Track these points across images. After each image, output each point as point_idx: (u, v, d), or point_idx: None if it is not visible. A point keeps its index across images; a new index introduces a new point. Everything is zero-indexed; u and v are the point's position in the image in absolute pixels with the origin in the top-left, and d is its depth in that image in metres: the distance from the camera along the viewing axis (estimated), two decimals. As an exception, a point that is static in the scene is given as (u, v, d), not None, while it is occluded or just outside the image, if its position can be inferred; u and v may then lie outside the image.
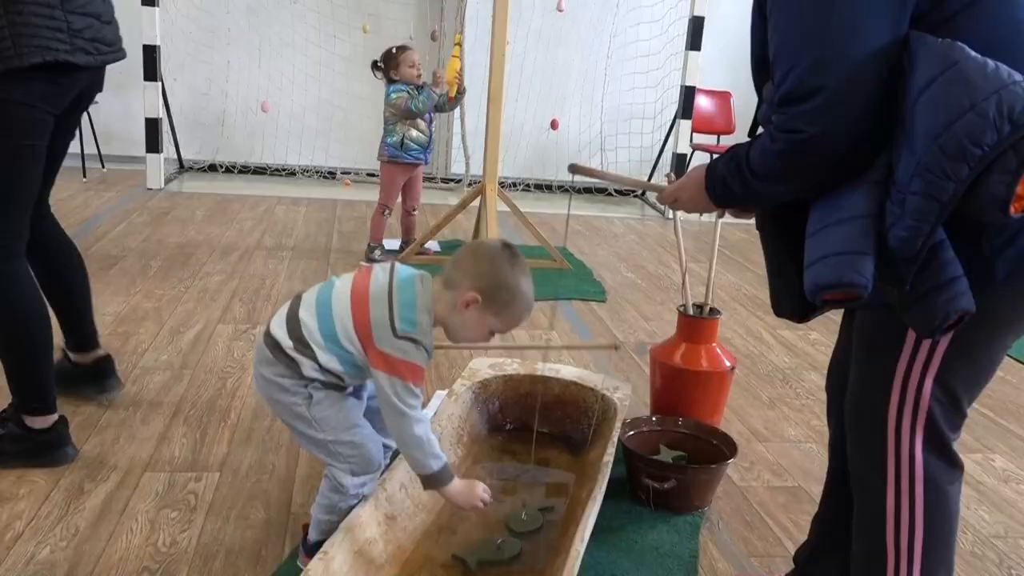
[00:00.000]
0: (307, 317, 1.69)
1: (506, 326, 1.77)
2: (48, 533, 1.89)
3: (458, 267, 1.71)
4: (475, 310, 1.70)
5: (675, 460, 2.23)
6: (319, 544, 1.67)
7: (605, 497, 2.08)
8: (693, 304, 2.50)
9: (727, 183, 1.41)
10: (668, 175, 2.54)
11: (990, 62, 1.17)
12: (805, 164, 1.29)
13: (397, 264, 1.76)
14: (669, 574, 1.90)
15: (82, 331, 2.45)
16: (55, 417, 2.15)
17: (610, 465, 1.98)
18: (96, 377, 2.51)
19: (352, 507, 1.74)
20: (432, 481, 1.72)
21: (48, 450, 2.13)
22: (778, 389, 3.08)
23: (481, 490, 1.77)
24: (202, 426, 2.45)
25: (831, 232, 1.29)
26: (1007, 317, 1.29)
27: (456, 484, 1.73)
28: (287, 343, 1.69)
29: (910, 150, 1.21)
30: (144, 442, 2.33)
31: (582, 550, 1.62)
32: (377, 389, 1.68)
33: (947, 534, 1.44)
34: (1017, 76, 1.15)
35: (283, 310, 1.75)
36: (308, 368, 1.69)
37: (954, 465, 1.43)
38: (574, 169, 1.89)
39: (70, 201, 5.22)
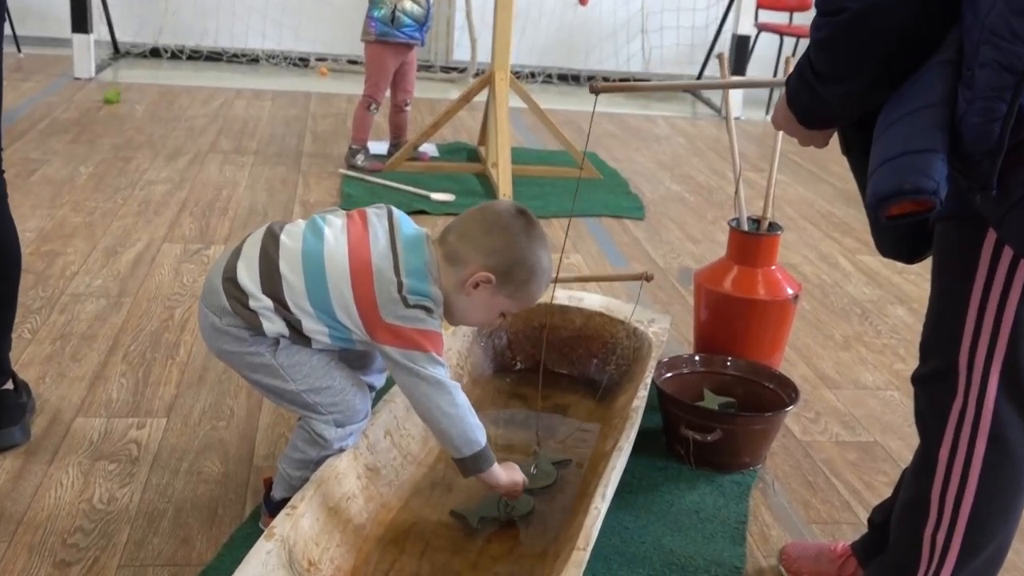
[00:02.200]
0: (292, 276, 1.69)
1: (520, 306, 1.82)
2: (-38, 486, 1.96)
3: (465, 239, 1.74)
4: (486, 291, 1.74)
5: (722, 407, 2.27)
6: (285, 502, 1.73)
7: (636, 451, 2.14)
8: (748, 218, 2.51)
9: (799, 95, 1.43)
10: (719, 55, 2.53)
11: None
12: (857, 49, 1.29)
13: (395, 212, 1.78)
14: (710, 541, 1.95)
15: None
16: None
17: (641, 412, 2.02)
18: None
19: (327, 459, 1.79)
20: (477, 461, 1.75)
21: None
22: (855, 326, 3.11)
23: (520, 474, 1.85)
24: (145, 364, 2.51)
25: (895, 130, 1.30)
26: None
27: (497, 465, 1.79)
28: (261, 301, 1.69)
29: (973, 10, 1.21)
30: (75, 382, 2.39)
31: (603, 510, 1.66)
32: (393, 370, 1.72)
33: (1007, 501, 1.48)
34: None
35: (252, 249, 1.74)
36: (278, 327, 1.71)
37: None
38: (597, 90, 1.87)
39: (-21, 93, 5.24)
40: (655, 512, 2.04)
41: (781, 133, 2.63)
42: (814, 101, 1.43)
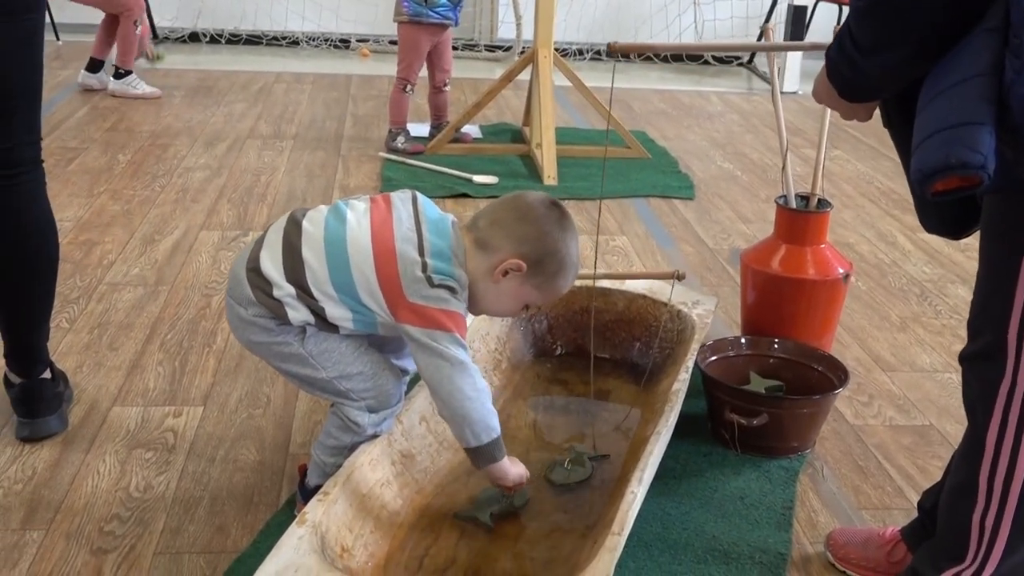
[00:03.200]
0: (314, 261, 1.74)
1: (546, 299, 1.86)
2: (0, 475, 2.04)
3: (496, 226, 1.78)
4: (514, 280, 1.78)
5: (768, 391, 2.28)
6: (320, 489, 1.78)
7: (680, 436, 2.17)
8: (797, 195, 2.52)
9: (839, 68, 1.45)
10: (765, 27, 2.53)
11: None
12: (899, 17, 1.30)
13: (419, 196, 1.82)
14: (754, 527, 1.97)
15: (26, 344, 2.20)
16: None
17: (681, 395, 2.04)
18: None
19: (361, 445, 1.84)
20: (492, 450, 1.77)
21: None
22: (912, 307, 3.09)
23: (523, 467, 1.87)
24: (182, 352, 2.58)
25: (939, 102, 1.30)
26: None
27: (507, 459, 1.82)
28: (285, 289, 1.73)
29: None
30: (112, 371, 2.47)
31: (639, 494, 1.69)
32: (415, 351, 1.74)
33: None
34: None
35: (275, 237, 1.79)
36: (303, 316, 1.75)
37: None
38: (615, 49, 1.90)
39: (18, 82, 5.37)
40: (698, 498, 2.06)
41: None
42: (855, 73, 1.44)
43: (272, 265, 1.75)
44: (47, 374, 2.23)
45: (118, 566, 1.80)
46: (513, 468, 1.83)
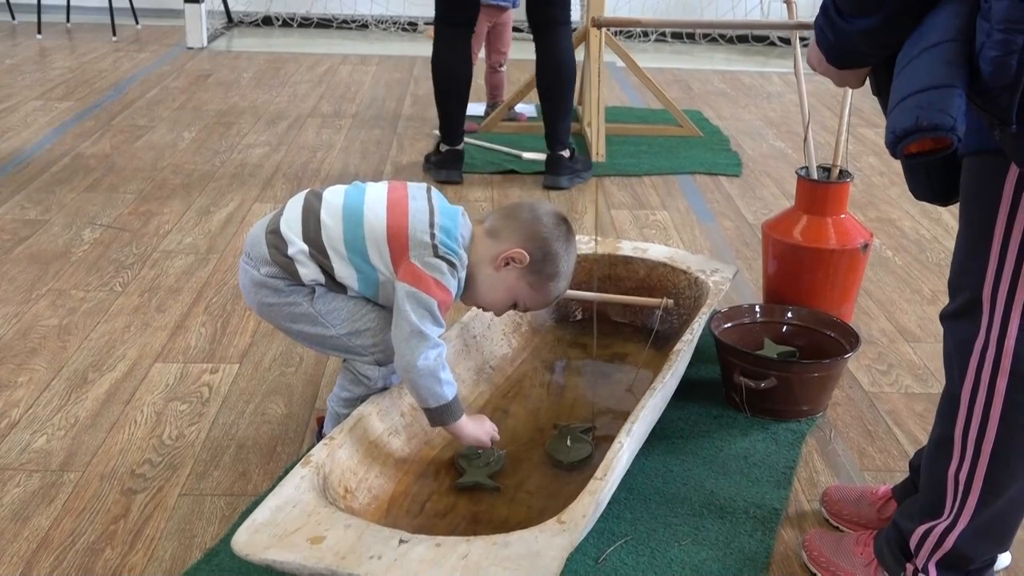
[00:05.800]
0: (331, 221, 1.85)
1: (533, 304, 1.97)
2: (46, 422, 2.18)
3: (509, 219, 1.91)
4: (513, 272, 1.89)
5: (781, 356, 2.31)
6: (332, 436, 1.88)
7: (692, 400, 2.25)
8: (818, 166, 2.55)
9: (824, 33, 1.49)
10: (790, 3, 2.56)
11: None
12: None
13: (433, 189, 1.93)
14: (754, 484, 2.02)
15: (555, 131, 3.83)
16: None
17: (684, 355, 2.10)
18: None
19: (372, 396, 1.94)
20: (443, 414, 1.86)
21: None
22: (946, 281, 3.08)
23: (489, 427, 1.94)
24: (225, 315, 2.71)
25: (912, 67, 1.34)
26: None
27: (465, 419, 1.89)
28: (297, 245, 1.85)
29: None
30: (158, 331, 2.60)
31: (626, 443, 1.75)
32: (396, 307, 1.83)
33: None
34: None
35: (295, 205, 1.91)
36: (313, 273, 1.86)
37: None
38: (598, 23, 1.98)
39: (97, 63, 5.60)
40: (702, 457, 2.11)
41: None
42: (838, 39, 1.48)
43: (291, 227, 1.87)
44: (566, 152, 3.83)
45: (145, 505, 1.92)
46: (474, 432, 1.90)
